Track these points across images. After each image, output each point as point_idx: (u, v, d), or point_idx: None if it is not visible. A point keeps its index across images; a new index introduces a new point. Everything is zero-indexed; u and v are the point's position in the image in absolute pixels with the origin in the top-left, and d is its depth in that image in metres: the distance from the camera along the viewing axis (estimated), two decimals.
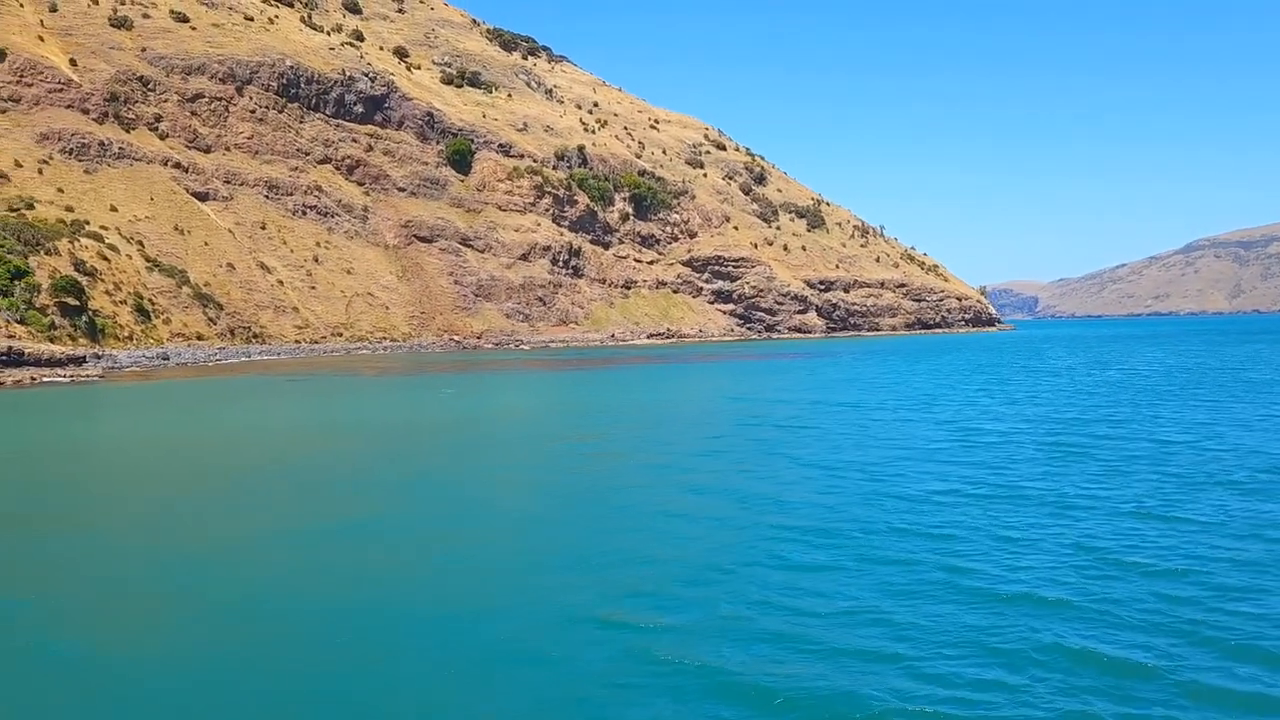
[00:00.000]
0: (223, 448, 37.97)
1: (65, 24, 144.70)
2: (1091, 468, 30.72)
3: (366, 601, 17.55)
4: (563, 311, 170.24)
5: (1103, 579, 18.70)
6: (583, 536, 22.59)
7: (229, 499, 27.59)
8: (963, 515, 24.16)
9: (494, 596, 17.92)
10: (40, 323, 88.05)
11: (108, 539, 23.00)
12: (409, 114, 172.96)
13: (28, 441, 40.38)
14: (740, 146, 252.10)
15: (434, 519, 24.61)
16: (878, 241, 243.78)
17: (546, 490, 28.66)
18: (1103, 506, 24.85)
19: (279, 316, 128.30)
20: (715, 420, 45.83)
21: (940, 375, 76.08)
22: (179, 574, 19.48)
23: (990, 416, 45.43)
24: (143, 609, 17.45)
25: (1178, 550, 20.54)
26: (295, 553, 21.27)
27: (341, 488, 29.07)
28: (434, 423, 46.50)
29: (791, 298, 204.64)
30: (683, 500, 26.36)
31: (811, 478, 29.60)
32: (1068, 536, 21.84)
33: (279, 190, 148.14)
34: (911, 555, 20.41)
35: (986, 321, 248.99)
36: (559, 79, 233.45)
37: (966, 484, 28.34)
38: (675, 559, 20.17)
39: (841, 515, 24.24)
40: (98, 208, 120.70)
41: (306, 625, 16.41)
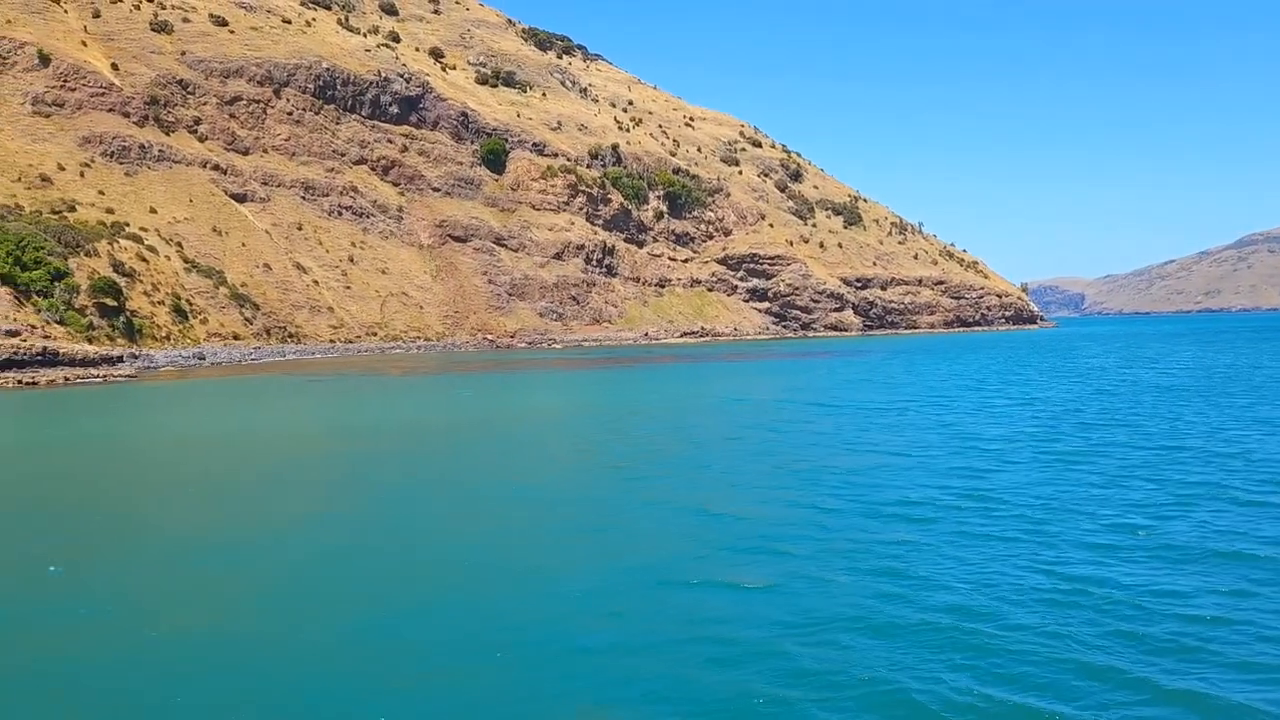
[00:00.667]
0: (200, 450, 38.16)
1: (108, 29, 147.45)
2: (1082, 477, 29.23)
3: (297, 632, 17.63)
4: (596, 310, 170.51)
5: (1045, 613, 16.80)
6: (525, 558, 22.50)
7: (176, 504, 27.57)
8: (916, 532, 22.61)
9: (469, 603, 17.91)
10: (79, 323, 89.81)
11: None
12: (444, 114, 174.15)
13: (28, 439, 41.20)
14: (776, 144, 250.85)
15: (380, 537, 23.05)
16: (916, 238, 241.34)
17: (512, 499, 28.13)
18: (1074, 525, 23.10)
19: (314, 316, 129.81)
20: (701, 426, 44.29)
21: (961, 375, 74.90)
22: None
23: (996, 419, 44.25)
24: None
25: (1135, 585, 18.40)
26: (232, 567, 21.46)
27: (299, 495, 28.30)
28: (437, 425, 46.21)
29: (827, 295, 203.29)
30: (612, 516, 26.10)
31: (784, 485, 28.48)
32: (1020, 560, 20.06)
33: (315, 191, 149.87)
34: (848, 569, 19.37)
35: (1027, 319, 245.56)
36: (594, 77, 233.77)
37: (941, 493, 26.95)
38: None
39: (791, 527, 23.01)
40: (138, 209, 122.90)
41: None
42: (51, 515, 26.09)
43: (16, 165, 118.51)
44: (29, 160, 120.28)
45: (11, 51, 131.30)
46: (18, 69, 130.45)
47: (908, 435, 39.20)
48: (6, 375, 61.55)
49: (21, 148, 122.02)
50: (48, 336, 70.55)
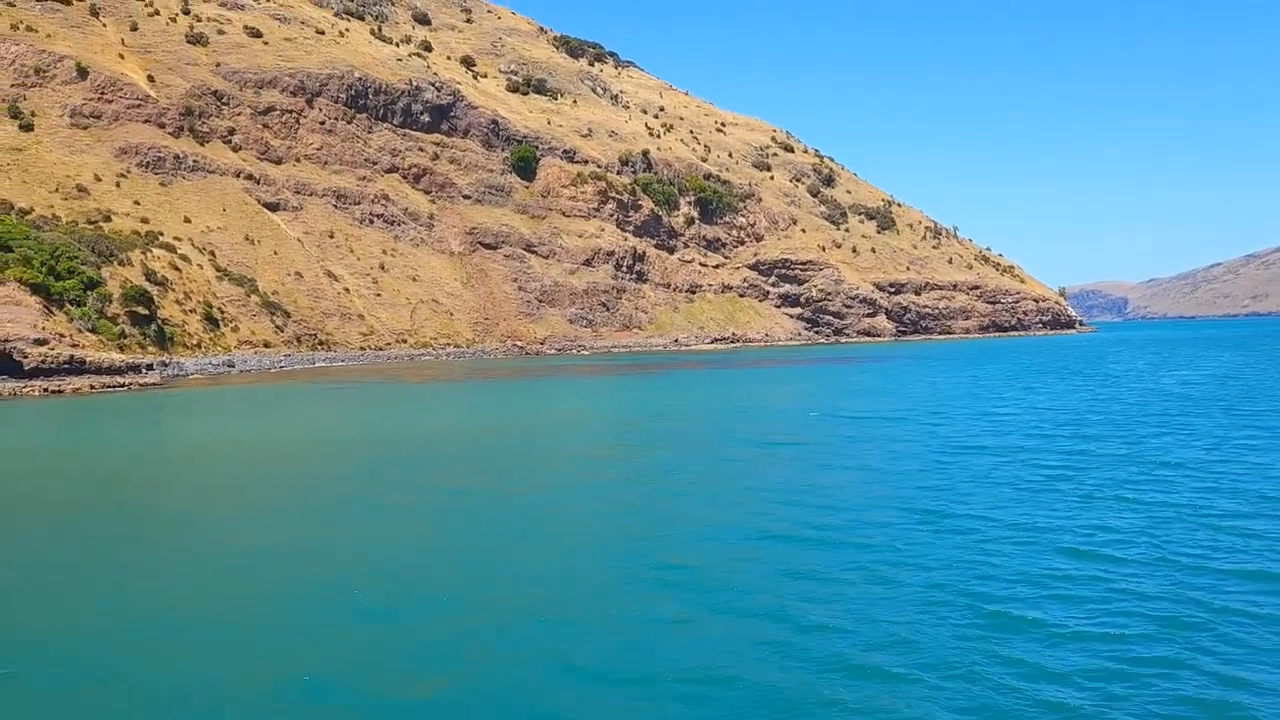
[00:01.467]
0: (182, 459, 38.31)
1: (145, 42, 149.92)
2: (1061, 496, 27.49)
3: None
4: (626, 316, 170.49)
5: (955, 651, 15.64)
6: (488, 570, 22.24)
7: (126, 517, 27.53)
8: (856, 556, 21.26)
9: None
10: (111, 331, 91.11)
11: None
12: (474, 122, 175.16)
13: (33, 445, 41.72)
14: (809, 148, 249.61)
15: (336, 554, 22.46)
16: (950, 243, 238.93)
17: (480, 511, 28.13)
18: (1025, 550, 21.60)
19: (345, 324, 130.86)
20: (688, 439, 42.81)
21: (977, 382, 73.29)
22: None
23: (995, 430, 42.73)
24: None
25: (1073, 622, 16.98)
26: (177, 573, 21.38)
27: (236, 514, 27.37)
28: (438, 432, 45.73)
29: (860, 301, 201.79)
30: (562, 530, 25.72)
31: (743, 502, 27.34)
32: (937, 596, 18.51)
33: (347, 199, 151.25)
34: (719, 608, 17.96)
35: (1065, 324, 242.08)
36: (625, 84, 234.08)
37: (901, 513, 25.43)
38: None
39: (716, 552, 21.66)
40: (172, 219, 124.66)
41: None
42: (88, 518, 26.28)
43: (54, 176, 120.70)
44: (66, 171, 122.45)
45: (51, 65, 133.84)
46: (57, 82, 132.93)
47: (891, 448, 37.61)
48: (33, 384, 62.60)
49: (59, 159, 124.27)
50: (76, 345, 71.66)
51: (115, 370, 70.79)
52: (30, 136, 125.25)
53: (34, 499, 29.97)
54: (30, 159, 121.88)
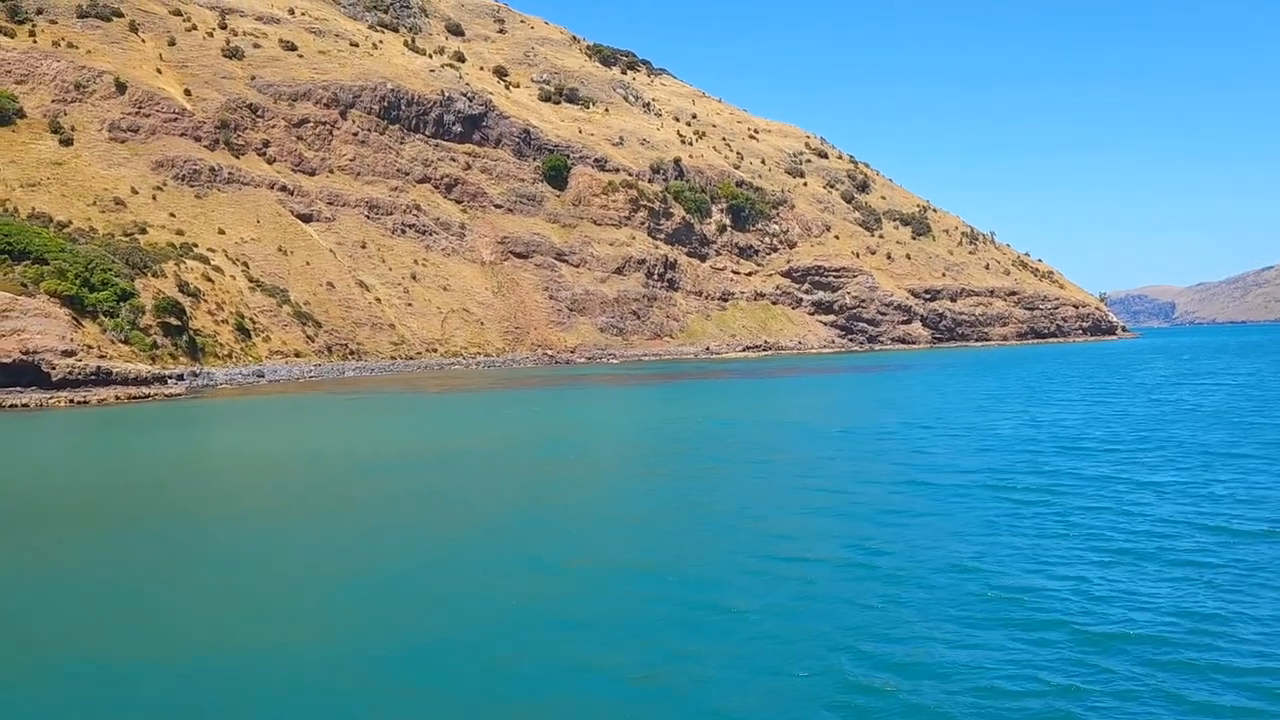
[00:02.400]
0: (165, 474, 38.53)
1: (182, 56, 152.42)
2: (1030, 524, 25.63)
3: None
4: (657, 325, 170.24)
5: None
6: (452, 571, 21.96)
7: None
8: (754, 597, 19.75)
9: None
10: (143, 342, 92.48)
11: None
12: (506, 132, 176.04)
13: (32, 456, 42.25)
14: (843, 154, 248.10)
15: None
16: (987, 248, 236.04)
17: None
18: (954, 589, 19.78)
19: (376, 333, 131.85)
20: (670, 451, 41.69)
21: (991, 393, 71.54)
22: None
23: (980, 445, 41.05)
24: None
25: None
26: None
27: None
28: (434, 451, 44.65)
29: (895, 308, 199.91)
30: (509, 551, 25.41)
31: (651, 533, 25.69)
32: (845, 631, 17.43)
33: (379, 210, 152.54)
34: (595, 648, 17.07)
35: (1106, 330, 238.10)
36: (658, 92, 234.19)
37: (837, 545, 23.92)
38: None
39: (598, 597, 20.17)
40: (207, 231, 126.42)
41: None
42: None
43: (93, 190, 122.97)
44: (104, 185, 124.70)
45: (91, 80, 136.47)
46: (96, 97, 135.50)
47: (871, 466, 36.09)
48: (59, 395, 63.70)
49: (98, 173, 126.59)
50: (103, 356, 72.80)
51: (141, 381, 71.80)
52: (70, 151, 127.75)
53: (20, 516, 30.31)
54: (69, 172, 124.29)
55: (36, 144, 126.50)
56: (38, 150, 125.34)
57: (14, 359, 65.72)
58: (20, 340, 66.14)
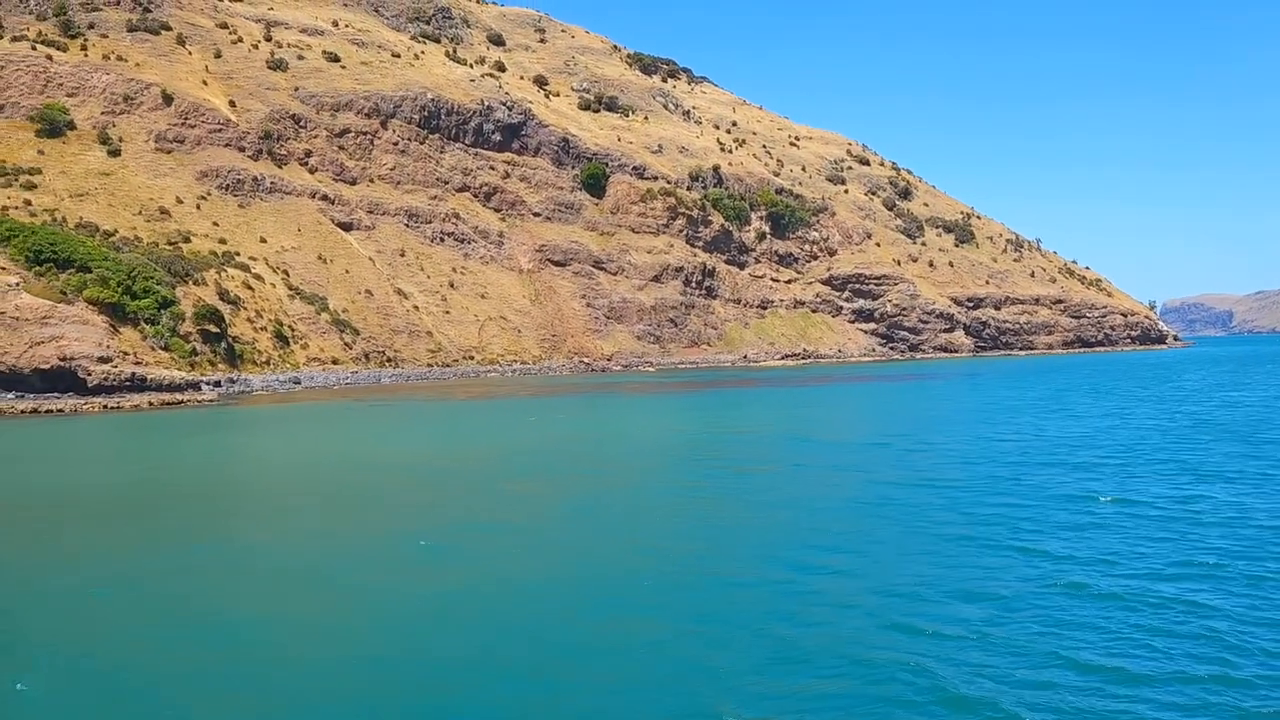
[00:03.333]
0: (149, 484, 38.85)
1: (228, 68, 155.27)
2: (958, 549, 24.33)
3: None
4: (695, 333, 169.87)
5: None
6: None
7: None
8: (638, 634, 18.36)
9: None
10: (182, 349, 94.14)
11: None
12: (545, 140, 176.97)
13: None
14: (886, 161, 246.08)
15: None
16: (1033, 255, 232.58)
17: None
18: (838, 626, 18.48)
19: (413, 340, 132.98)
20: (639, 466, 40.71)
21: (1008, 404, 69.74)
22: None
23: (969, 459, 39.80)
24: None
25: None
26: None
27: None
28: (435, 461, 44.11)
29: (937, 316, 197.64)
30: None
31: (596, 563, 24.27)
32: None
33: (418, 219, 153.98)
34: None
35: (1156, 339, 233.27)
36: (698, 100, 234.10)
37: (771, 565, 22.79)
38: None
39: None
40: (249, 239, 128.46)
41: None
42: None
43: (138, 199, 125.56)
44: (150, 195, 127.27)
45: (139, 93, 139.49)
46: (143, 109, 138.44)
47: (840, 481, 34.74)
48: (93, 401, 65.03)
49: (144, 183, 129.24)
50: (139, 363, 74.21)
51: (175, 387, 73.03)
52: (117, 161, 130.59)
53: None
54: (116, 183, 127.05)
55: (85, 155, 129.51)
56: (86, 161, 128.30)
57: (52, 365, 67.23)
58: (58, 347, 67.65)
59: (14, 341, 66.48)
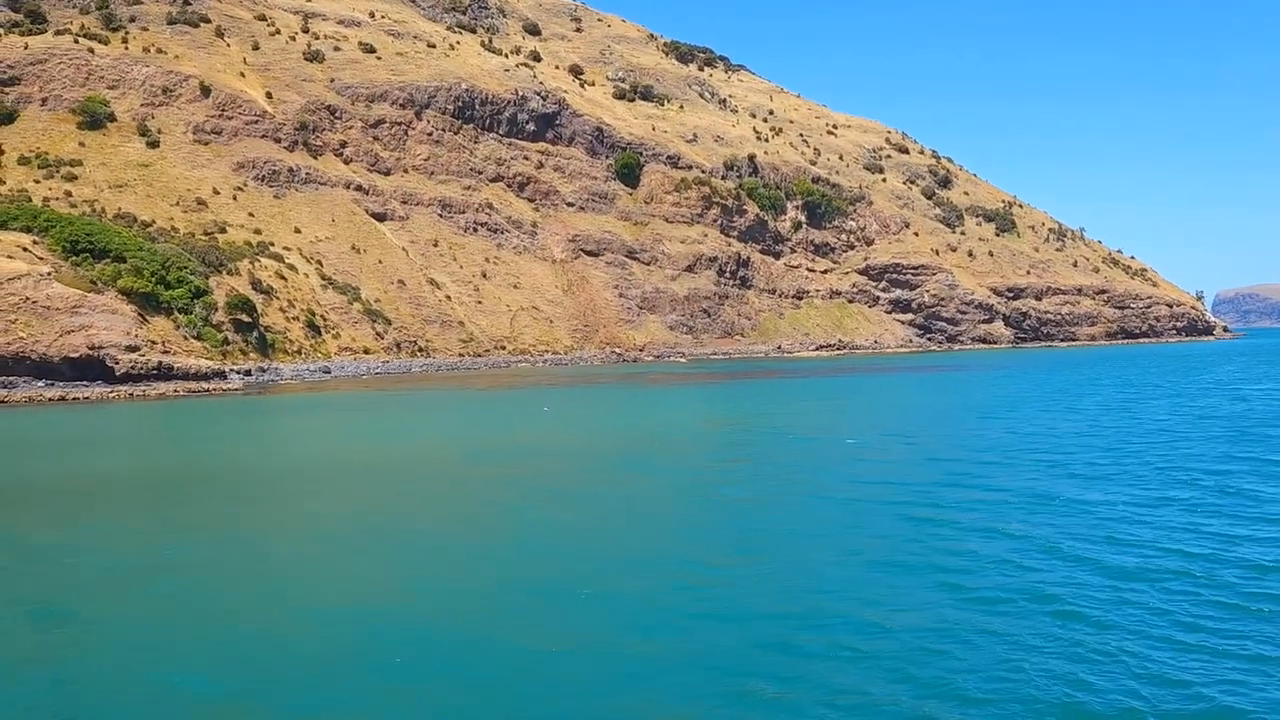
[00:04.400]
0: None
1: (265, 60, 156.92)
2: (911, 568, 22.11)
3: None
4: (728, 323, 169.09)
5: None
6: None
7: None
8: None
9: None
10: (214, 338, 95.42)
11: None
12: (579, 130, 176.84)
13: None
14: (926, 149, 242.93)
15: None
16: (1076, 245, 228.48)
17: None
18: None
19: (445, 330, 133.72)
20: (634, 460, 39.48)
21: (1020, 396, 67.90)
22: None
23: (945, 458, 38.04)
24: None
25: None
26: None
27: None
28: (433, 456, 43.16)
29: (975, 306, 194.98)
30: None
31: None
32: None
33: (452, 209, 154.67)
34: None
35: (1203, 330, 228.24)
36: (735, 88, 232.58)
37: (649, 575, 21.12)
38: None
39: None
40: (283, 230, 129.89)
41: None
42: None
43: (176, 190, 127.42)
44: (187, 185, 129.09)
45: (177, 84, 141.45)
46: (182, 100, 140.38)
47: (783, 490, 32.60)
48: (120, 389, 66.13)
49: (181, 174, 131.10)
50: (166, 351, 75.33)
51: (201, 376, 74.03)
52: (156, 153, 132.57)
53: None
54: (155, 174, 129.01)
55: (125, 146, 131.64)
56: (126, 152, 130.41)
57: (81, 354, 68.45)
58: (88, 336, 68.87)
59: (45, 330, 67.79)
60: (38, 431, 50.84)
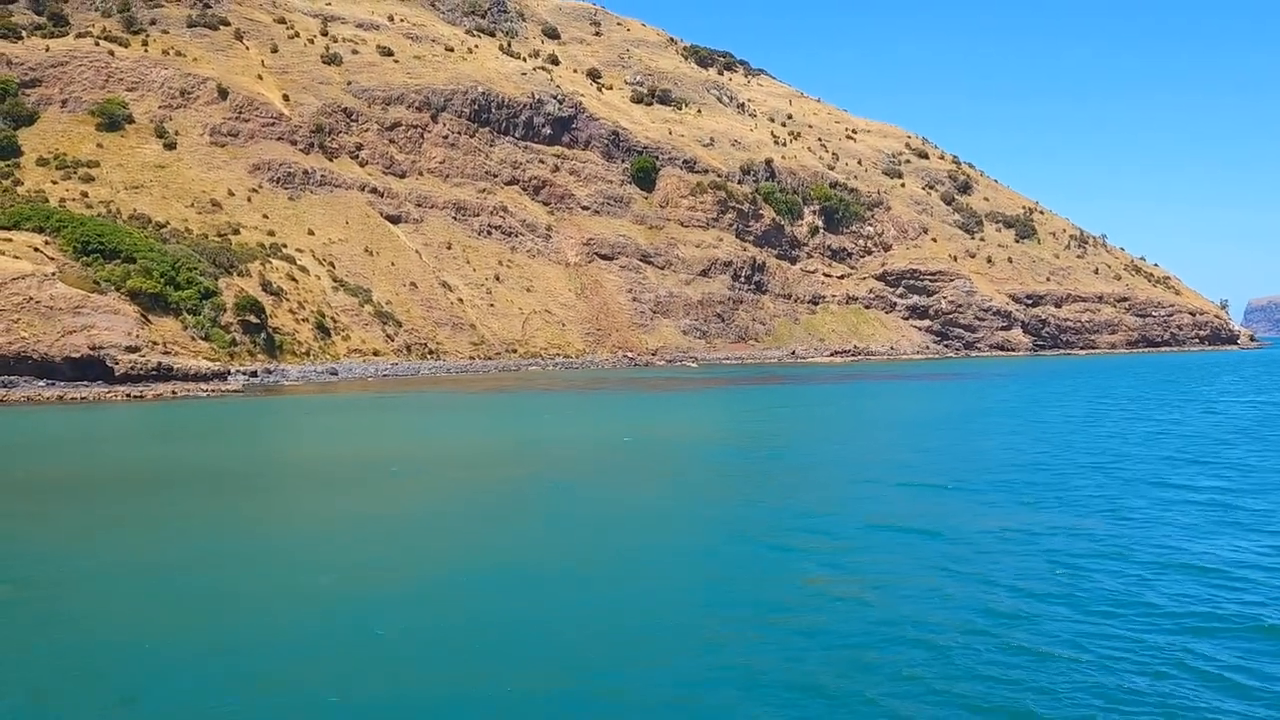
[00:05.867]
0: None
1: (283, 63, 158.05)
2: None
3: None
4: (742, 328, 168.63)
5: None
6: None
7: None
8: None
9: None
10: (222, 339, 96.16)
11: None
12: (595, 133, 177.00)
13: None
14: (946, 154, 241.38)
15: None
16: (1098, 252, 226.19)
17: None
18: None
19: (456, 333, 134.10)
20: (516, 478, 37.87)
21: (988, 410, 66.60)
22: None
23: (865, 475, 37.12)
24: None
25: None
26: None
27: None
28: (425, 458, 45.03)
29: (993, 313, 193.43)
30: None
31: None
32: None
33: (466, 211, 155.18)
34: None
35: (1226, 339, 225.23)
36: (754, 92, 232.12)
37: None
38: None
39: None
40: (297, 231, 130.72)
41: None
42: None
43: (191, 192, 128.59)
44: (203, 187, 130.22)
45: (195, 87, 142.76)
46: (199, 103, 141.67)
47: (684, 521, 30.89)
48: (117, 389, 66.75)
49: (198, 176, 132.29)
50: (167, 352, 75.99)
51: (200, 377, 74.59)
52: (173, 154, 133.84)
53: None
54: (171, 175, 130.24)
55: (142, 148, 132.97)
56: (143, 154, 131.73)
57: (82, 354, 69.17)
58: (89, 336, 69.60)
59: (47, 330, 68.59)
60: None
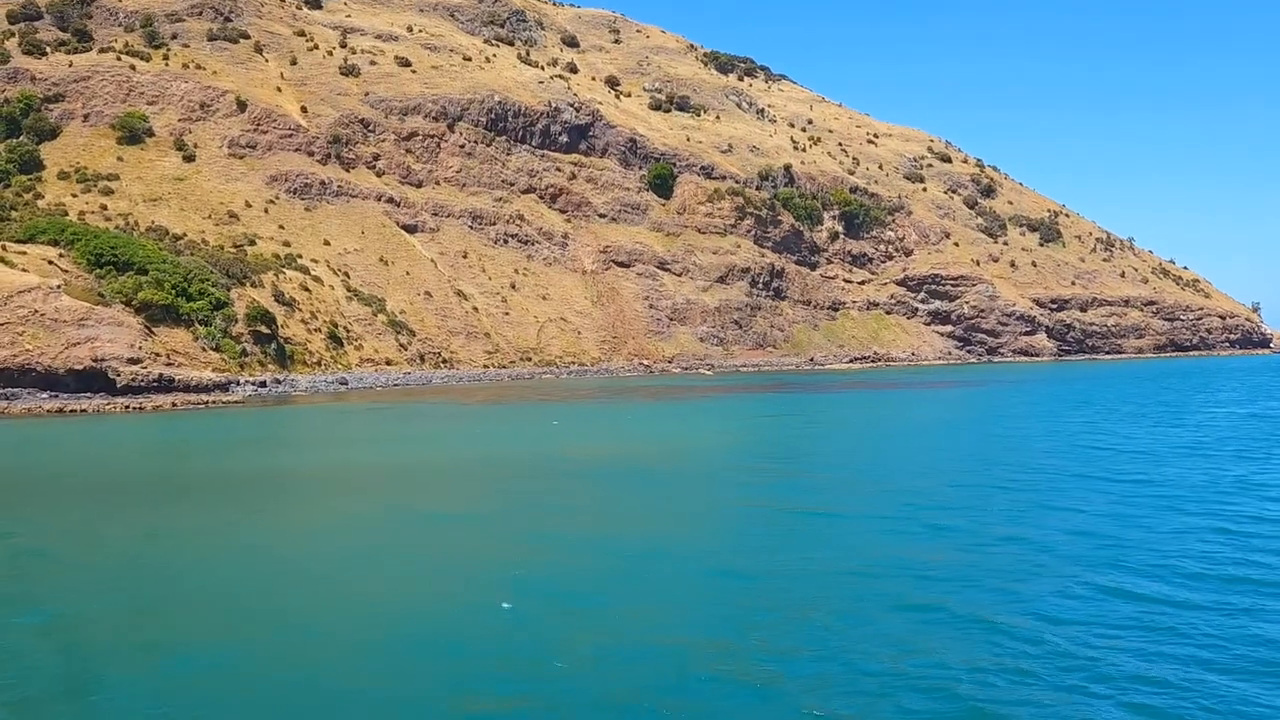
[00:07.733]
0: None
1: (302, 75, 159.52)
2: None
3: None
4: (760, 334, 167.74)
5: None
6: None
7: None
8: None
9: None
10: (233, 350, 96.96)
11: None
12: (612, 141, 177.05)
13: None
14: (969, 158, 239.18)
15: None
16: (1125, 255, 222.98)
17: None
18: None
19: (470, 342, 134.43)
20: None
21: (967, 421, 65.04)
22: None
23: (835, 491, 35.80)
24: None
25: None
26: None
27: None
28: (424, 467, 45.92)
29: (1017, 318, 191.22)
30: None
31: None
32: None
33: (482, 220, 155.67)
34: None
35: (1258, 342, 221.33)
36: (774, 98, 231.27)
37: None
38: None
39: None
40: (313, 242, 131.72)
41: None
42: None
43: (209, 203, 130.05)
44: (220, 199, 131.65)
45: (214, 100, 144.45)
46: (219, 115, 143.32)
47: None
48: (117, 401, 67.38)
49: (216, 187, 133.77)
50: (169, 364, 76.65)
51: (203, 388, 75.17)
52: (192, 167, 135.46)
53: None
54: (189, 187, 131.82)
55: (162, 161, 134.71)
56: (162, 167, 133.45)
57: (85, 366, 69.96)
58: (92, 348, 70.37)
59: (51, 342, 69.46)
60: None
